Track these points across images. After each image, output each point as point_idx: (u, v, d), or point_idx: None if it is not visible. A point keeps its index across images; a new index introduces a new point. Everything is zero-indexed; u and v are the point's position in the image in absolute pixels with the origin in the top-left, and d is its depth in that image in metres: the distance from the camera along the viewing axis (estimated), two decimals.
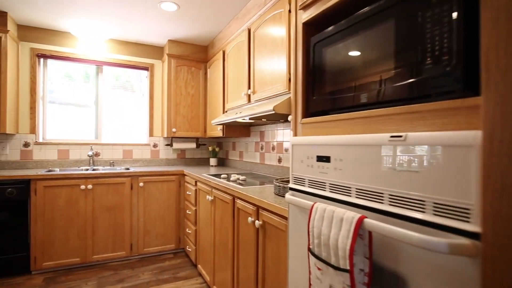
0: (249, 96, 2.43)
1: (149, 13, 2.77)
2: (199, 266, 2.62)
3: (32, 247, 2.60)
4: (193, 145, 3.71)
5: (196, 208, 2.71)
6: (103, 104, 3.50)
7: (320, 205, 0.93)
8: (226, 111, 2.99)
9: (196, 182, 2.73)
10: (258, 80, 2.28)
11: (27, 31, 3.10)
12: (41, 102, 3.23)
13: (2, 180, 2.51)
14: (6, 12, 2.77)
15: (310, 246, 0.94)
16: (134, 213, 2.98)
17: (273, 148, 2.71)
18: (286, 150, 2.51)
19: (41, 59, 3.22)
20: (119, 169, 3.30)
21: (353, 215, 0.80)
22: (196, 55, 3.54)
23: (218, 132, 3.14)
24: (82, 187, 2.74)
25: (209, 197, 2.29)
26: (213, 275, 2.25)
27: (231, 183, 2.09)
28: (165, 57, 3.47)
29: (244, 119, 2.36)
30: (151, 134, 3.68)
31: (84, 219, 2.77)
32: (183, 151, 3.84)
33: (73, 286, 2.41)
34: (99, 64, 3.43)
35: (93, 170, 3.17)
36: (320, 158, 1.03)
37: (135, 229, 2.99)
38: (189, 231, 2.91)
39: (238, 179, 2.29)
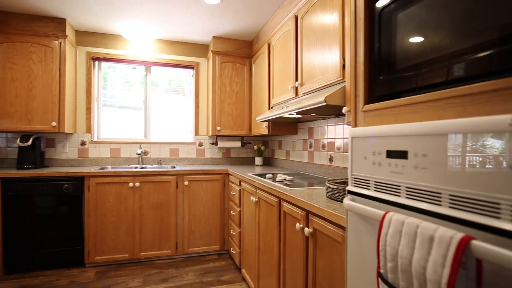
0: (296, 88, 2.22)
1: (192, 8, 2.71)
2: (243, 270, 2.48)
3: (86, 241, 2.71)
4: (238, 144, 3.61)
5: (241, 209, 2.58)
6: (152, 104, 3.57)
7: (395, 215, 0.69)
8: (271, 107, 2.81)
9: (240, 182, 2.60)
10: (307, 70, 2.06)
11: (83, 36, 3.28)
12: (96, 103, 3.39)
13: (59, 176, 2.64)
14: (65, 19, 2.94)
15: (381, 270, 0.71)
16: (179, 212, 2.96)
17: (323, 146, 2.46)
18: (339, 148, 2.25)
19: (96, 62, 3.38)
20: (165, 167, 3.32)
21: (452, 233, 0.55)
22: (240, 51, 3.43)
23: (263, 129, 2.98)
24: (131, 184, 2.78)
25: (253, 198, 2.13)
26: (258, 281, 2.09)
27: (276, 184, 1.90)
28: (210, 54, 3.42)
29: (291, 114, 2.16)
30: (196, 132, 3.66)
31: (132, 216, 2.81)
32: (228, 150, 3.75)
33: (120, 282, 2.44)
34: (148, 65, 3.50)
35: (142, 168, 3.23)
36: (392, 154, 0.79)
37: (180, 228, 2.96)
38: (234, 233, 2.79)
39: (285, 179, 2.10)
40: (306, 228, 1.36)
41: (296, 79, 2.22)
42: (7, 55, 2.79)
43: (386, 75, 0.88)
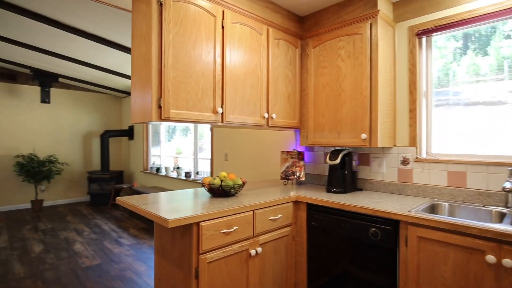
0: None
1: None
2: None
3: None
4: None
5: None
6: None
7: None
8: None
9: None
10: None
11: (402, 6, 2.26)
12: (424, 101, 2.23)
13: (366, 214, 1.80)
14: None
15: None
16: None
17: None
18: None
19: (422, 38, 2.22)
20: None
21: None
22: None
23: None
24: (491, 258, 1.34)
25: None
26: None
27: None
28: None
29: None
30: None
31: None
32: None
33: None
34: None
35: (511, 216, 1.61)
36: None
37: None
38: None
39: None
40: None
41: None
42: (318, 60, 2.44)
43: None
